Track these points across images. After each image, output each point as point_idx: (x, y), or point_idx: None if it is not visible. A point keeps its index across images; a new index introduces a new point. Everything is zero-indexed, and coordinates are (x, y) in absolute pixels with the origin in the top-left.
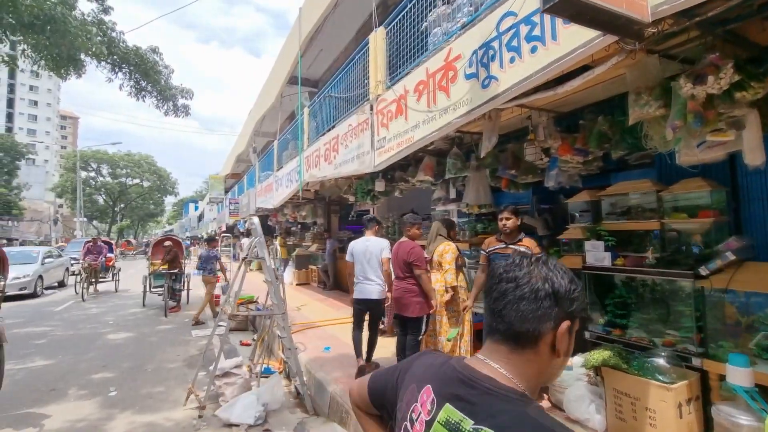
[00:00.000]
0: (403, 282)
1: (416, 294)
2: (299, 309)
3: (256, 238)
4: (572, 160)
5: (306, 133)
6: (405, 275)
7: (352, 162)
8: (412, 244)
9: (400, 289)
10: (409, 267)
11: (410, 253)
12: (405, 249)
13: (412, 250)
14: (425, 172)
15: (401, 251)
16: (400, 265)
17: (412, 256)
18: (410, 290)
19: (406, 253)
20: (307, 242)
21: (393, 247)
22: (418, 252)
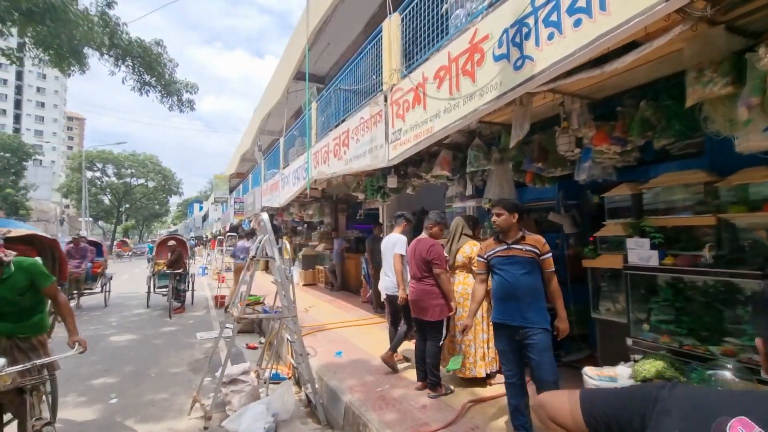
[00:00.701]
0: (420, 283)
1: (436, 296)
2: (307, 311)
3: (265, 236)
4: (608, 151)
5: (314, 128)
6: (423, 275)
7: (364, 157)
8: (431, 241)
9: (418, 291)
10: (428, 266)
11: (430, 250)
12: (424, 246)
13: (432, 248)
14: (442, 167)
15: (420, 249)
16: (418, 263)
17: (432, 253)
18: (429, 292)
19: (426, 251)
20: (314, 242)
21: (410, 245)
22: (438, 250)
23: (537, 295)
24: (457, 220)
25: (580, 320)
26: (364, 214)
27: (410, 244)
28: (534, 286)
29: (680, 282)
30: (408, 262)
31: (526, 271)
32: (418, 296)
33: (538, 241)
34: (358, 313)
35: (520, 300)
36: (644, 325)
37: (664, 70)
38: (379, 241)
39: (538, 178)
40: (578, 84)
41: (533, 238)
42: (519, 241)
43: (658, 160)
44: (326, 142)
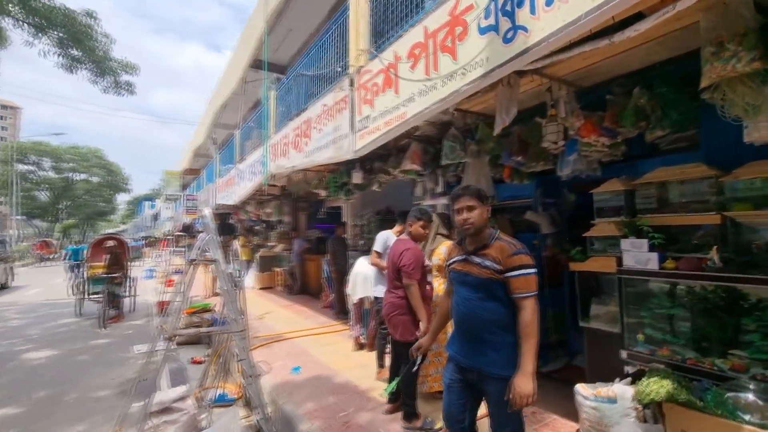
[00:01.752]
0: (390, 294)
1: (402, 310)
2: (263, 318)
3: (207, 235)
4: (596, 143)
5: (272, 119)
6: (394, 285)
7: (327, 148)
8: (405, 244)
9: (387, 303)
10: (399, 275)
11: (402, 255)
12: (397, 250)
13: (404, 253)
14: (412, 161)
15: (393, 253)
16: (392, 270)
17: (403, 259)
18: (396, 305)
19: (397, 255)
20: (272, 242)
21: (391, 245)
22: (412, 255)
23: (498, 329)
24: (434, 217)
25: (557, 327)
26: (326, 213)
27: (392, 244)
28: (493, 318)
29: (679, 288)
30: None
31: (480, 296)
32: (387, 310)
33: (502, 252)
34: (318, 319)
35: (473, 334)
36: (639, 335)
37: (661, 53)
38: (341, 242)
39: (517, 173)
40: (567, 67)
41: (498, 246)
42: (479, 250)
43: (645, 155)
44: (285, 132)
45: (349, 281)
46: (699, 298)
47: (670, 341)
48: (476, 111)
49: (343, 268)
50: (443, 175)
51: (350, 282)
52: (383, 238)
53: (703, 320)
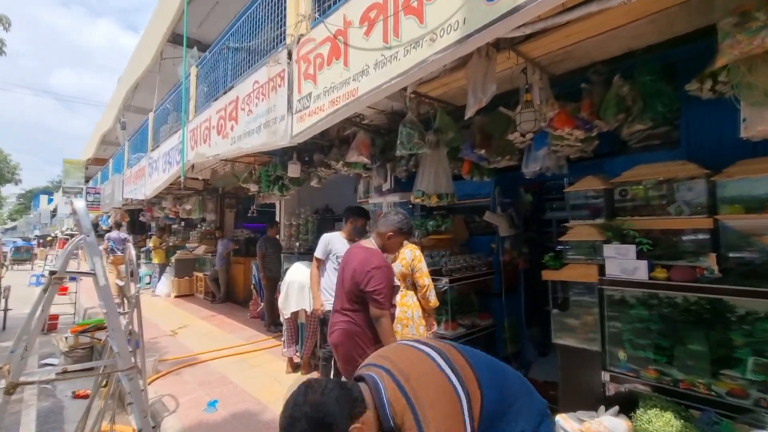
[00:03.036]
0: (342, 318)
1: (361, 342)
2: (175, 334)
3: (81, 236)
4: (569, 136)
5: (192, 99)
6: (351, 307)
7: (258, 133)
8: (376, 259)
9: (339, 331)
10: (360, 298)
11: (370, 275)
12: (358, 260)
13: (373, 272)
14: (359, 151)
15: (355, 266)
16: (349, 287)
17: (373, 281)
18: (351, 333)
19: (359, 271)
20: (193, 242)
21: (346, 254)
22: (384, 277)
23: None
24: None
25: (513, 337)
26: (257, 212)
27: (347, 252)
28: None
29: (667, 300)
30: (338, 281)
31: None
32: (337, 337)
33: None
34: (245, 333)
35: None
36: (620, 353)
37: (646, 37)
38: (273, 244)
39: (477, 169)
40: (543, 47)
41: None
42: None
43: (614, 152)
44: (207, 115)
45: (282, 291)
46: (692, 312)
47: (655, 360)
48: (434, 96)
49: (275, 273)
50: (393, 169)
51: (282, 292)
52: (325, 242)
53: (694, 337)
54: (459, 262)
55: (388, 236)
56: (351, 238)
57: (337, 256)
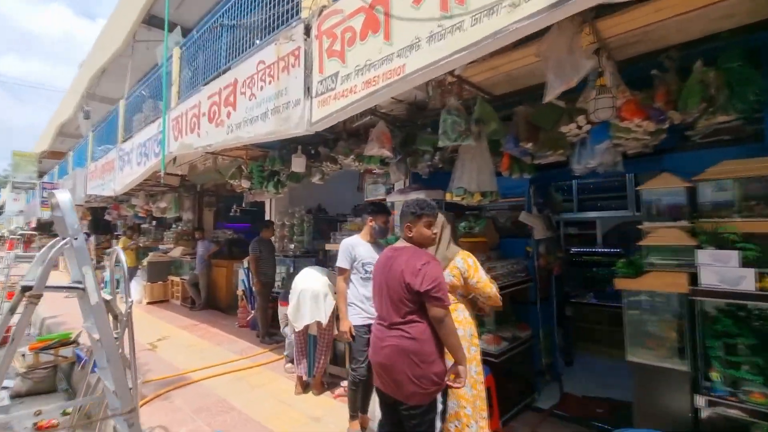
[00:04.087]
0: (396, 331)
1: (427, 359)
2: (155, 347)
3: (66, 239)
4: (638, 129)
5: (175, 83)
6: (402, 319)
7: (264, 120)
8: (421, 255)
9: (392, 349)
10: (415, 301)
11: (422, 272)
12: (403, 261)
13: (426, 268)
14: (381, 143)
15: (401, 267)
16: (396, 294)
17: (427, 279)
18: (409, 351)
19: (410, 271)
20: (168, 243)
21: (380, 258)
22: (435, 271)
23: None
24: (440, 218)
25: (547, 347)
26: (240, 211)
27: (380, 258)
28: None
29: (742, 310)
30: (373, 291)
31: None
32: (396, 358)
33: None
34: (236, 345)
35: None
36: (714, 374)
37: (740, 17)
38: (268, 246)
39: (517, 165)
40: (621, 25)
41: None
42: None
43: (676, 147)
44: (195, 101)
45: (291, 300)
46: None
47: (754, 381)
48: (475, 83)
49: (270, 278)
50: (414, 164)
51: (293, 302)
52: (349, 248)
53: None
54: (504, 268)
55: (408, 226)
56: (373, 240)
57: (363, 263)
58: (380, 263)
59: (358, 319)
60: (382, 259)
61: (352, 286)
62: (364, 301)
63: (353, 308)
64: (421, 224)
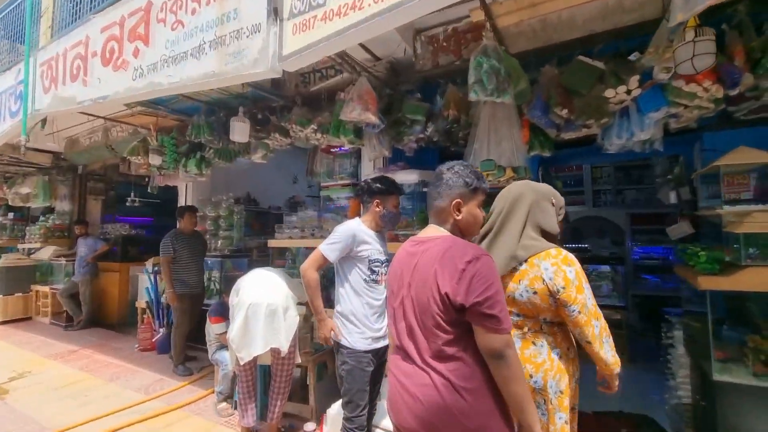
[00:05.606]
0: (427, 375)
1: (482, 423)
2: (5, 392)
3: None
4: (703, 94)
5: (47, 14)
6: (438, 352)
7: (199, 59)
8: (456, 241)
9: (424, 406)
10: (456, 323)
11: (462, 271)
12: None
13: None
14: (365, 106)
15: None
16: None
17: (476, 285)
18: (458, 410)
19: (449, 274)
20: (33, 242)
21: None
22: (490, 273)
23: None
24: (520, 188)
25: None
26: (141, 201)
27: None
28: None
29: None
30: (388, 310)
31: None
32: (432, 419)
33: None
34: (138, 379)
35: None
36: None
37: None
38: (190, 242)
39: (538, 138)
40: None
41: None
42: None
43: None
44: (81, 36)
45: (235, 318)
46: None
47: None
48: (500, 27)
49: (192, 287)
50: (398, 137)
51: (237, 320)
52: (349, 234)
53: None
54: None
55: (457, 203)
56: (378, 230)
57: (370, 260)
58: (398, 264)
59: (360, 341)
60: (400, 258)
61: (344, 294)
62: (368, 314)
63: (348, 326)
64: (475, 202)
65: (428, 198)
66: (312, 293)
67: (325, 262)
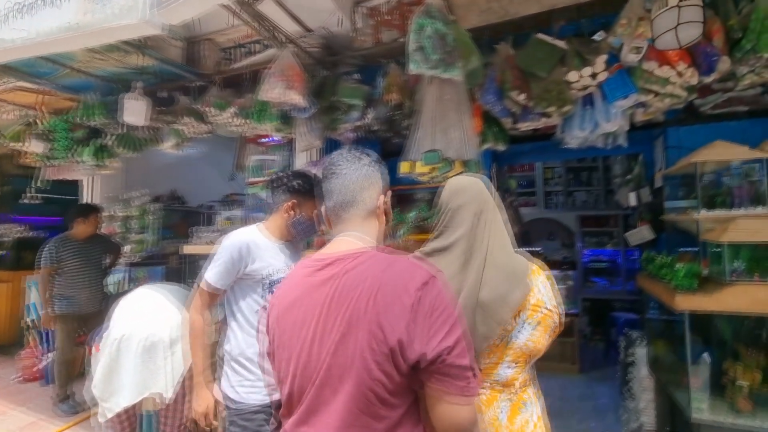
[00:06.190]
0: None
1: None
2: None
3: None
4: (676, 80)
5: None
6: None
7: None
8: (397, 259)
9: None
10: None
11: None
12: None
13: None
14: (290, 84)
15: (359, 303)
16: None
17: (440, 323)
18: None
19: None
20: None
21: (288, 288)
22: (446, 304)
23: None
24: (470, 183)
25: None
26: (43, 197)
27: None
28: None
29: None
30: (268, 357)
31: None
32: None
33: None
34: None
35: None
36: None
37: None
38: (80, 251)
39: (491, 129)
40: None
41: None
42: None
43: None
44: None
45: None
46: None
47: None
48: None
49: (90, 303)
50: (333, 125)
51: (103, 359)
52: (239, 248)
53: None
54: None
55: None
56: (286, 238)
57: (270, 281)
58: (291, 299)
59: (252, 393)
60: (294, 289)
61: (234, 330)
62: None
63: (237, 371)
64: (387, 197)
65: (330, 194)
66: (194, 344)
67: (216, 295)
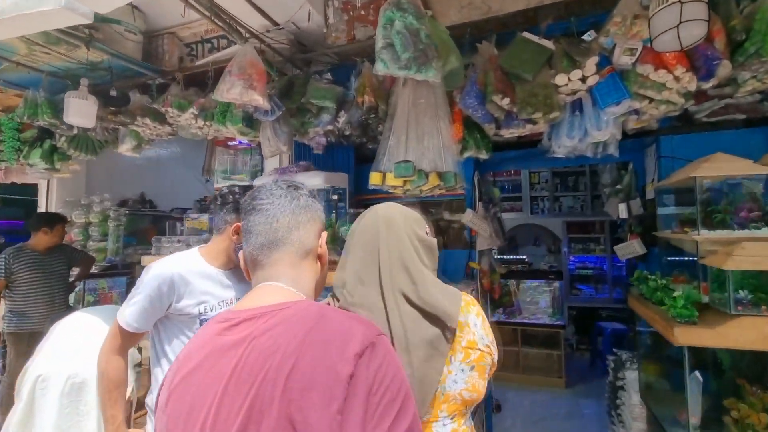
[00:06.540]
0: None
1: None
2: None
3: None
4: (673, 85)
5: None
6: None
7: None
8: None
9: None
10: None
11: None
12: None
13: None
14: (248, 82)
15: (271, 384)
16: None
17: (384, 404)
18: None
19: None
20: None
21: (187, 350)
22: (395, 374)
23: None
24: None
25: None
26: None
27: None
28: None
29: None
30: None
31: None
32: None
33: None
34: None
35: None
36: None
37: None
38: (34, 260)
39: (473, 136)
40: None
41: None
42: None
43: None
44: None
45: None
46: None
47: None
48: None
49: (32, 323)
50: (302, 130)
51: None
52: (165, 280)
53: None
54: None
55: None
56: (231, 265)
57: (207, 317)
58: (187, 376)
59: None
60: (201, 356)
61: (158, 376)
62: None
63: None
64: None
65: (249, 234)
66: (107, 393)
67: (135, 337)
